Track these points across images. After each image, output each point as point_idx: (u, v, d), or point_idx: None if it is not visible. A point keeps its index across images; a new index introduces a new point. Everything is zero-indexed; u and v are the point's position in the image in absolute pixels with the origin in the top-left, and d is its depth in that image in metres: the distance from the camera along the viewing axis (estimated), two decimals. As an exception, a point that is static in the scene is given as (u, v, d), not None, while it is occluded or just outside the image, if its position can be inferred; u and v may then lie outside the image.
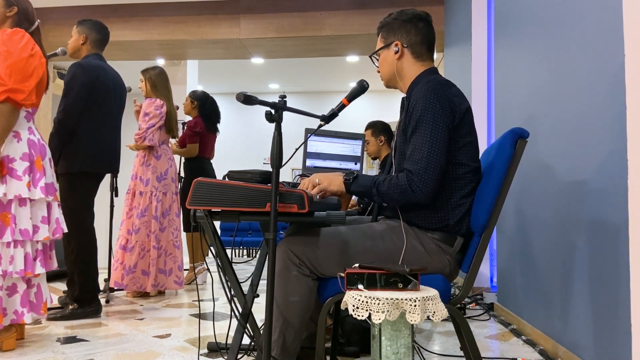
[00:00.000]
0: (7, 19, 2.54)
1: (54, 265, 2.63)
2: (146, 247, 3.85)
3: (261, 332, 1.67)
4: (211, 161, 4.82)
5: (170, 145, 4.16)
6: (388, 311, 1.39)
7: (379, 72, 1.94)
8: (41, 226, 2.48)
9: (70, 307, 3.15)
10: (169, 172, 3.99)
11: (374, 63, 1.94)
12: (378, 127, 3.86)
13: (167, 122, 3.97)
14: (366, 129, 3.91)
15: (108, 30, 3.43)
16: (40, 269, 2.48)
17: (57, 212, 2.60)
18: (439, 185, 1.69)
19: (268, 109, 1.56)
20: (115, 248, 3.87)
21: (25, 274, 2.40)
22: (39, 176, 2.47)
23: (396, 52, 1.84)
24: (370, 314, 1.40)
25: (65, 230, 2.64)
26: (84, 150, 3.15)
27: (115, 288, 3.84)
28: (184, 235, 4.32)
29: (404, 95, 1.88)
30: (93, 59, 3.28)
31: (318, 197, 1.70)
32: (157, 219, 3.87)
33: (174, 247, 3.96)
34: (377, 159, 3.96)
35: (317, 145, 2.50)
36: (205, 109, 4.65)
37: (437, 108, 1.67)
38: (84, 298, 3.15)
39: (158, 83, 4.00)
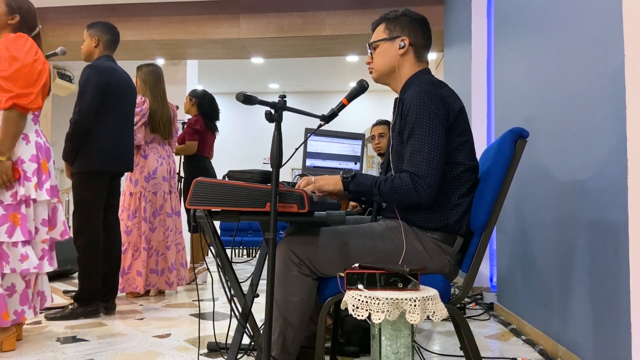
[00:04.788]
0: (8, 26, 2.56)
1: (53, 266, 2.66)
2: (138, 248, 3.82)
3: (261, 332, 1.67)
4: (211, 161, 4.81)
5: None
6: (388, 311, 1.39)
7: (368, 63, 1.90)
8: (41, 228, 2.51)
9: (70, 306, 3.15)
10: (159, 171, 3.89)
11: (369, 52, 1.90)
12: None
13: (150, 121, 3.86)
14: (383, 123, 3.91)
15: (118, 31, 3.48)
16: (48, 268, 2.53)
17: (62, 215, 2.65)
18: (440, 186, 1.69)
19: (268, 109, 1.56)
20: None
21: (36, 271, 2.45)
22: (44, 178, 2.51)
23: (401, 47, 1.82)
24: (370, 313, 1.40)
25: (69, 234, 2.69)
26: (99, 150, 3.19)
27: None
28: (185, 235, 4.29)
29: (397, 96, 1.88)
30: (105, 60, 3.33)
31: (316, 194, 1.70)
32: (146, 220, 3.83)
33: (164, 248, 3.91)
34: (381, 157, 3.96)
35: (317, 145, 2.50)
36: (204, 107, 4.64)
37: (431, 108, 1.67)
38: (84, 297, 3.15)
39: (147, 80, 3.93)
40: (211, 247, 1.74)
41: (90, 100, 3.15)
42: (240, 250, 8.70)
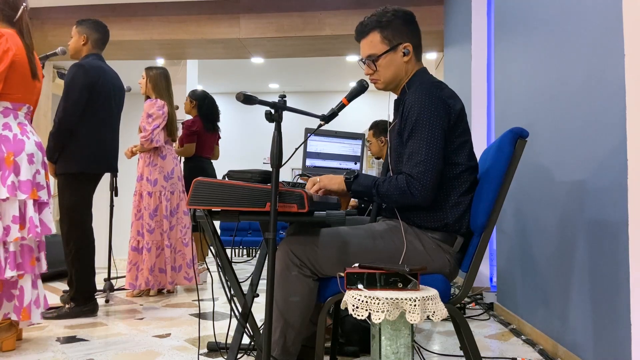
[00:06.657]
0: None
1: (43, 268, 2.53)
2: (160, 246, 3.90)
3: (261, 332, 1.67)
4: (211, 161, 4.82)
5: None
6: (388, 311, 1.39)
7: (369, 74, 1.83)
8: (12, 226, 2.34)
9: (67, 306, 3.15)
10: (175, 171, 4.02)
11: (370, 66, 1.82)
12: (379, 128, 3.85)
13: (167, 124, 3.95)
14: (369, 129, 3.91)
15: (108, 30, 3.44)
16: (10, 272, 2.31)
17: (31, 211, 2.41)
18: (438, 188, 1.69)
19: (268, 108, 1.56)
20: (127, 250, 3.92)
21: None
22: (7, 173, 2.35)
23: (406, 54, 1.79)
24: (370, 313, 1.40)
25: (53, 231, 2.56)
26: (82, 151, 3.16)
27: (132, 289, 3.89)
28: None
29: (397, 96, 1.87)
30: (93, 59, 3.28)
31: (317, 194, 1.70)
32: (167, 218, 3.92)
33: (182, 245, 4.00)
34: (381, 159, 3.97)
35: (317, 145, 2.50)
36: (203, 109, 4.66)
37: (432, 111, 1.67)
38: (80, 297, 3.16)
39: (159, 83, 3.99)
40: (211, 247, 1.74)
41: (76, 100, 3.11)
42: (240, 250, 8.70)
